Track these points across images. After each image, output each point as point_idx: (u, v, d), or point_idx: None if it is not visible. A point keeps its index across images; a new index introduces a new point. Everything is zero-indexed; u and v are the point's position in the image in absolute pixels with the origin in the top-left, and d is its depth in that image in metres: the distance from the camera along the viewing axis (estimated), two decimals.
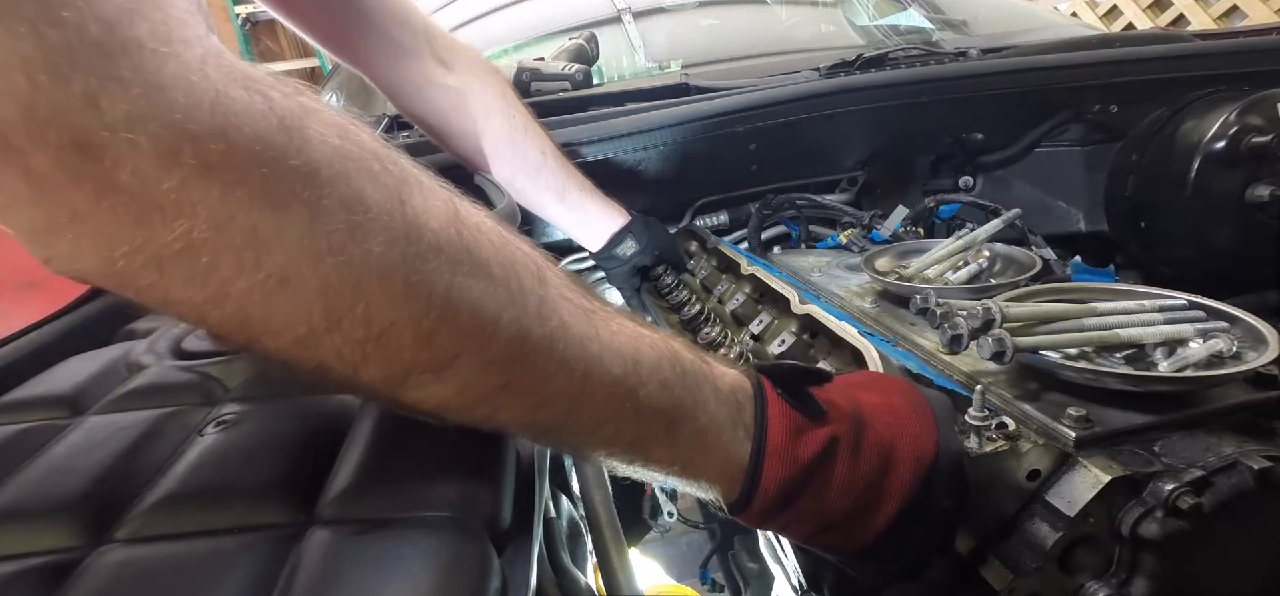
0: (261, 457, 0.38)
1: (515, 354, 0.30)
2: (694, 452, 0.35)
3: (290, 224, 0.24)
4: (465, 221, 0.29)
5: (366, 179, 0.26)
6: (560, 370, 0.31)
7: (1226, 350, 0.46)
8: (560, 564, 0.49)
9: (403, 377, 0.29)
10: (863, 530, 0.38)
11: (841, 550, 0.39)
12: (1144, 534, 0.38)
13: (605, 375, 0.32)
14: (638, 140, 0.93)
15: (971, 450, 0.43)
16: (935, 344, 0.52)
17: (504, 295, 0.29)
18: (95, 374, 0.49)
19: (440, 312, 0.28)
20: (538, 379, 0.31)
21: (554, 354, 0.31)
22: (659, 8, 1.53)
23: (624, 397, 0.33)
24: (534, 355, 0.30)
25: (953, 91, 0.97)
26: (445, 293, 0.28)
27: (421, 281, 0.27)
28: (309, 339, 0.26)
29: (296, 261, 0.25)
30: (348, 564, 0.30)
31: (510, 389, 0.30)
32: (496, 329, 0.29)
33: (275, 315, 0.25)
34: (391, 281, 0.26)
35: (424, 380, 0.29)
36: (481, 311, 0.28)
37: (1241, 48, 1.04)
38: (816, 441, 0.36)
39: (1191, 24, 3.39)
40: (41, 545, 0.33)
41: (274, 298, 0.25)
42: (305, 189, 0.24)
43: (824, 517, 0.37)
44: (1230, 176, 0.78)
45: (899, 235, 0.92)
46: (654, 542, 1.27)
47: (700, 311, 0.78)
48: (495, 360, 0.29)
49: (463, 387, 0.30)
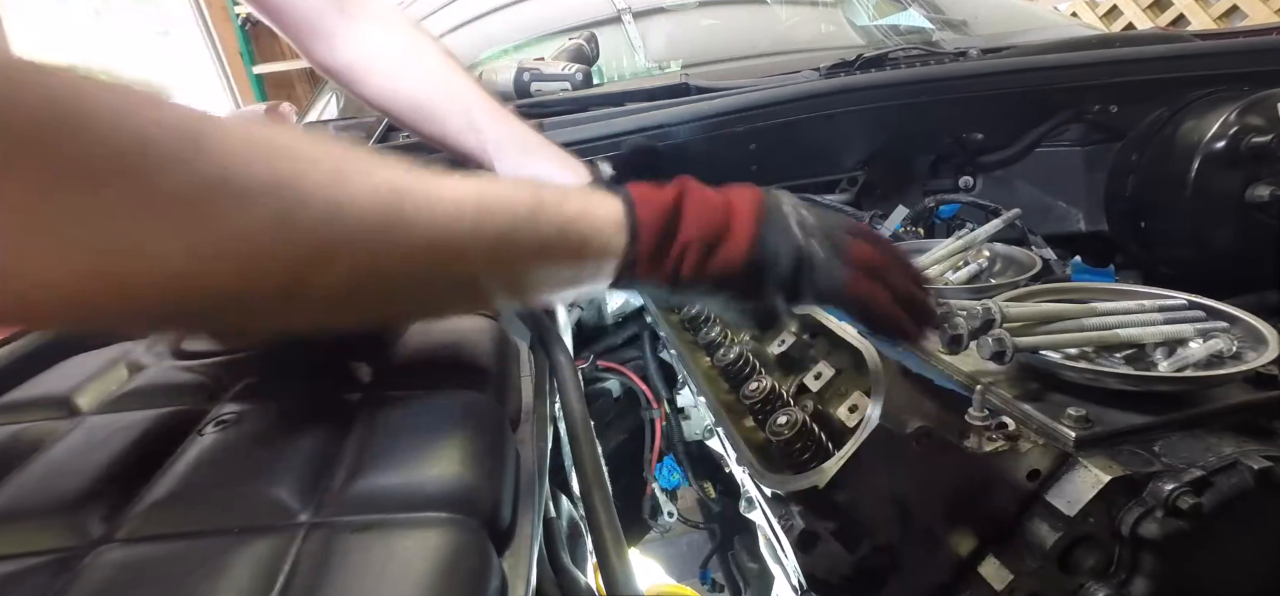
0: (261, 457, 0.38)
1: (307, 258, 0.30)
2: (567, 273, 0.41)
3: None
4: (205, 145, 0.28)
5: (151, 162, 0.26)
6: (362, 261, 0.32)
7: (1226, 350, 0.46)
8: (560, 564, 0.49)
9: (236, 325, 0.31)
10: (730, 254, 0.43)
11: (731, 273, 0.44)
12: (1144, 534, 0.38)
13: (428, 254, 0.34)
14: (637, 140, 0.93)
15: (971, 450, 0.43)
16: (935, 344, 0.52)
17: (277, 208, 0.29)
18: (95, 374, 0.49)
19: (229, 250, 0.28)
20: (340, 274, 0.31)
21: (347, 250, 0.31)
22: (659, 8, 1.53)
23: (452, 265, 0.36)
24: (328, 255, 0.31)
25: (953, 91, 0.97)
26: (220, 231, 0.28)
27: (194, 227, 0.27)
28: (94, 312, 0.28)
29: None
30: (347, 563, 0.30)
31: (314, 290, 0.31)
32: (286, 240, 0.30)
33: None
34: (171, 229, 0.27)
35: (254, 320, 0.31)
36: (258, 233, 0.29)
37: (1241, 48, 1.04)
38: (669, 192, 0.44)
39: (1191, 24, 3.39)
40: (41, 545, 0.33)
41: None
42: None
43: (702, 240, 0.43)
44: (1230, 176, 0.78)
45: (899, 235, 0.92)
46: (654, 542, 1.26)
47: (700, 311, 0.78)
48: (287, 268, 0.30)
49: (288, 314, 0.32)
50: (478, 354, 0.49)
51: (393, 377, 0.46)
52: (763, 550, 0.65)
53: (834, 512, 0.46)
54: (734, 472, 0.75)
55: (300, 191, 0.30)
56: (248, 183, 0.28)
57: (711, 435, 0.98)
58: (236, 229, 0.28)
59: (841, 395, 0.55)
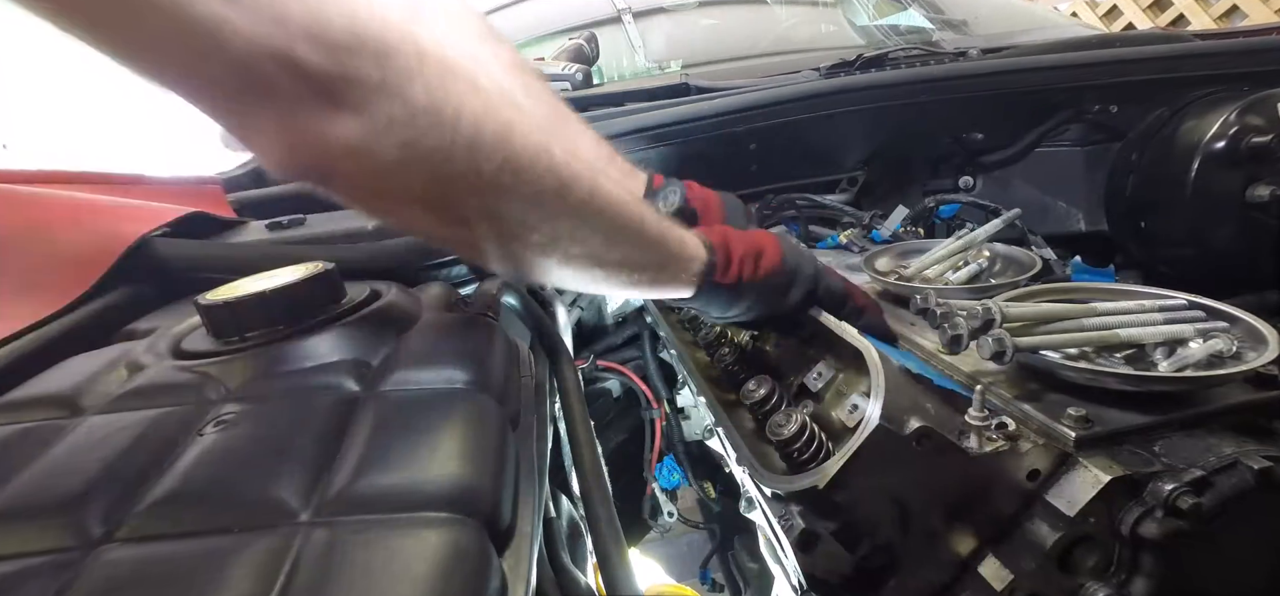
0: (261, 457, 0.38)
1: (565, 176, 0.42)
2: (671, 272, 0.53)
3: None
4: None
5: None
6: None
7: (1226, 350, 0.46)
8: (560, 564, 0.49)
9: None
10: (771, 257, 0.57)
11: (775, 274, 0.57)
12: (1144, 534, 0.38)
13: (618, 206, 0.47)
14: (637, 140, 0.93)
15: (971, 450, 0.43)
16: (935, 344, 0.52)
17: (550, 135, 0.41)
18: (95, 374, 0.49)
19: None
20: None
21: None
22: (659, 8, 1.53)
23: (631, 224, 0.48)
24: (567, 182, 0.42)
25: (953, 91, 0.97)
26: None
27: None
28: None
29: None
30: (347, 563, 0.30)
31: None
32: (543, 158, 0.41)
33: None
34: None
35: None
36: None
37: (1241, 48, 1.04)
38: (713, 228, 0.58)
39: (1191, 24, 3.39)
40: (41, 545, 0.33)
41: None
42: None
43: (751, 253, 0.57)
44: (1230, 176, 0.78)
45: (899, 235, 0.92)
46: (654, 542, 1.27)
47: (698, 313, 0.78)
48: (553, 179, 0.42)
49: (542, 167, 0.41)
50: (478, 354, 0.49)
51: (393, 377, 0.46)
52: (763, 550, 0.65)
53: (834, 512, 0.46)
54: (734, 472, 0.75)
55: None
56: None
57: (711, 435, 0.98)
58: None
59: (841, 395, 0.55)
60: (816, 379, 0.58)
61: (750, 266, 0.56)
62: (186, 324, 0.54)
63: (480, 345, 0.50)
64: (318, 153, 0.34)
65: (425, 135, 0.36)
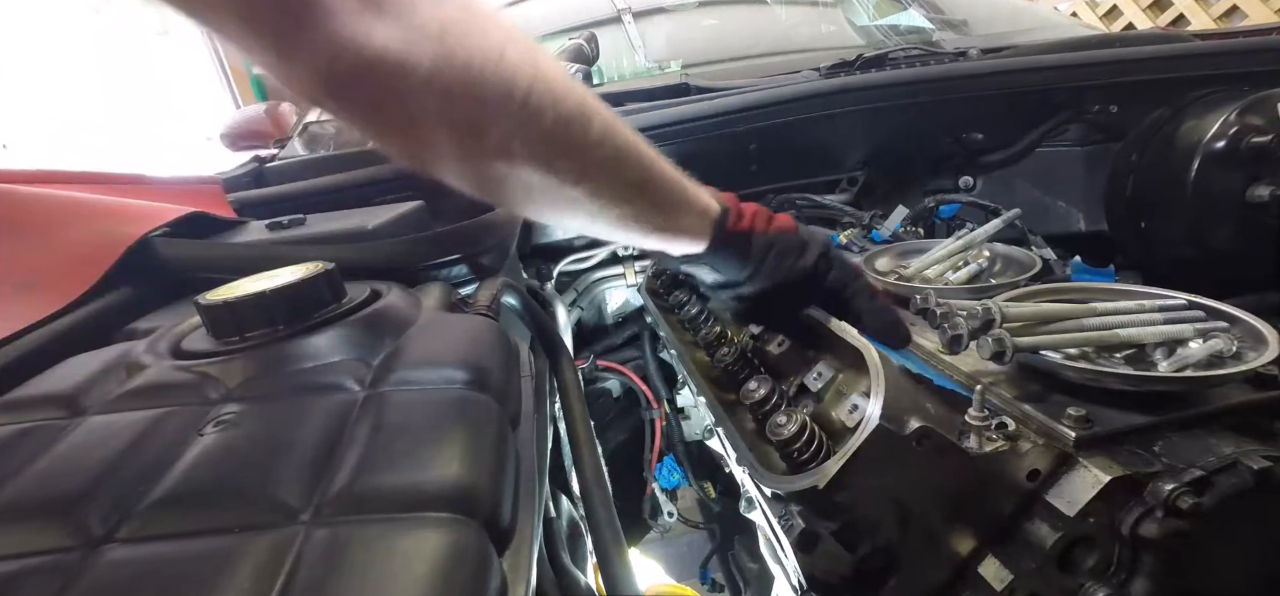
0: (261, 457, 0.38)
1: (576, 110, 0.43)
2: (678, 212, 0.53)
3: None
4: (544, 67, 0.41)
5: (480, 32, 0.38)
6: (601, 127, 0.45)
7: (1226, 350, 0.46)
8: (560, 564, 0.49)
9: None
10: (784, 220, 0.59)
11: (788, 232, 0.58)
12: (1144, 534, 0.38)
13: (632, 147, 0.48)
14: None
15: (971, 450, 0.43)
16: (935, 344, 0.52)
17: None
18: (95, 374, 0.49)
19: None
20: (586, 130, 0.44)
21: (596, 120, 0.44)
22: (659, 8, 1.53)
23: (645, 170, 0.49)
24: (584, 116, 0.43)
25: (953, 91, 0.97)
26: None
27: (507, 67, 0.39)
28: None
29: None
30: (347, 563, 0.30)
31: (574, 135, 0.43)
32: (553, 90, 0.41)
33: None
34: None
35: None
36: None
37: (1241, 48, 1.04)
38: (747, 209, 0.58)
39: (1191, 24, 3.39)
40: (41, 545, 0.33)
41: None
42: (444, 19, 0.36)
43: (762, 213, 0.58)
44: (1230, 176, 0.78)
45: (899, 235, 0.92)
46: (654, 542, 1.27)
47: (700, 312, 0.78)
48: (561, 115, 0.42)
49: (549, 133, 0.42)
50: (478, 354, 0.49)
51: (393, 377, 0.46)
52: (762, 550, 0.65)
53: (834, 512, 0.46)
54: (734, 472, 0.75)
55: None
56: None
57: (711, 435, 0.98)
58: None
59: (841, 395, 0.55)
60: (816, 379, 0.58)
61: (763, 221, 0.57)
62: (186, 324, 0.54)
63: (480, 345, 0.50)
64: (358, 62, 0.34)
65: (461, 43, 0.37)
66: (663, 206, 0.52)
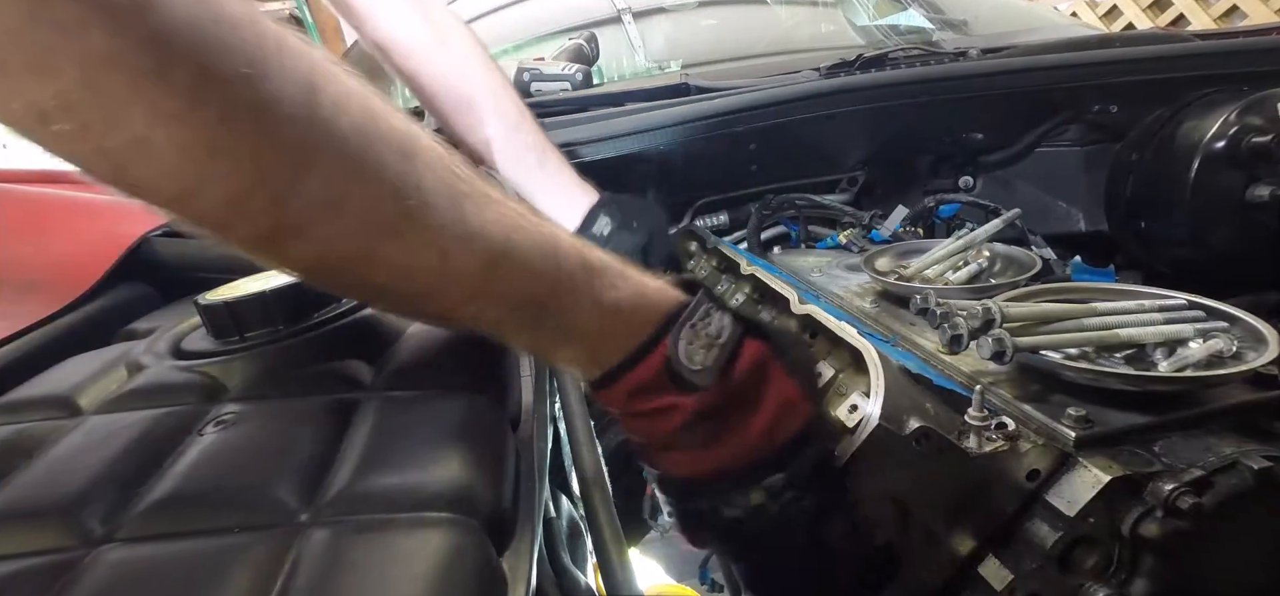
0: (261, 457, 0.38)
1: (372, 224, 0.31)
2: (554, 345, 0.39)
3: (144, 88, 0.25)
4: (323, 94, 0.30)
5: (220, 49, 0.27)
6: (419, 246, 0.32)
7: (1226, 350, 0.46)
8: (560, 564, 0.49)
9: (268, 239, 0.30)
10: (657, 463, 0.44)
11: (644, 462, 0.46)
12: (1144, 534, 0.38)
13: (468, 257, 0.34)
14: (637, 140, 0.93)
15: (971, 450, 0.43)
16: (935, 344, 0.52)
17: (360, 168, 0.30)
18: (95, 374, 0.49)
19: (288, 182, 0.29)
20: (396, 251, 0.32)
21: (409, 228, 0.32)
22: (659, 8, 1.53)
23: (486, 282, 0.35)
24: (392, 227, 0.32)
25: (953, 91, 0.97)
26: (293, 163, 0.29)
27: (269, 151, 0.28)
28: (180, 199, 0.28)
29: (151, 125, 0.26)
30: (347, 563, 0.30)
31: (371, 258, 0.32)
32: (351, 199, 0.30)
33: (145, 175, 0.27)
34: (239, 150, 0.28)
35: (286, 242, 0.31)
36: (333, 182, 0.30)
37: (1241, 48, 1.04)
38: (659, 404, 0.40)
39: (1191, 24, 3.39)
40: (41, 545, 0.33)
41: (140, 158, 0.26)
42: (156, 55, 0.25)
43: (638, 445, 0.44)
44: (1230, 176, 0.78)
45: (899, 235, 0.92)
46: (654, 542, 1.26)
47: None
48: (348, 230, 0.31)
49: (323, 251, 0.31)
50: (478, 354, 0.49)
51: (393, 377, 0.46)
52: None
53: None
54: None
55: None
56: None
57: None
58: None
59: (841, 395, 0.55)
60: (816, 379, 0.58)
61: (635, 437, 0.43)
62: (186, 324, 0.54)
63: (480, 345, 0.50)
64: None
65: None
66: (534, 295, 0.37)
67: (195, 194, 0.28)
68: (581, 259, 0.38)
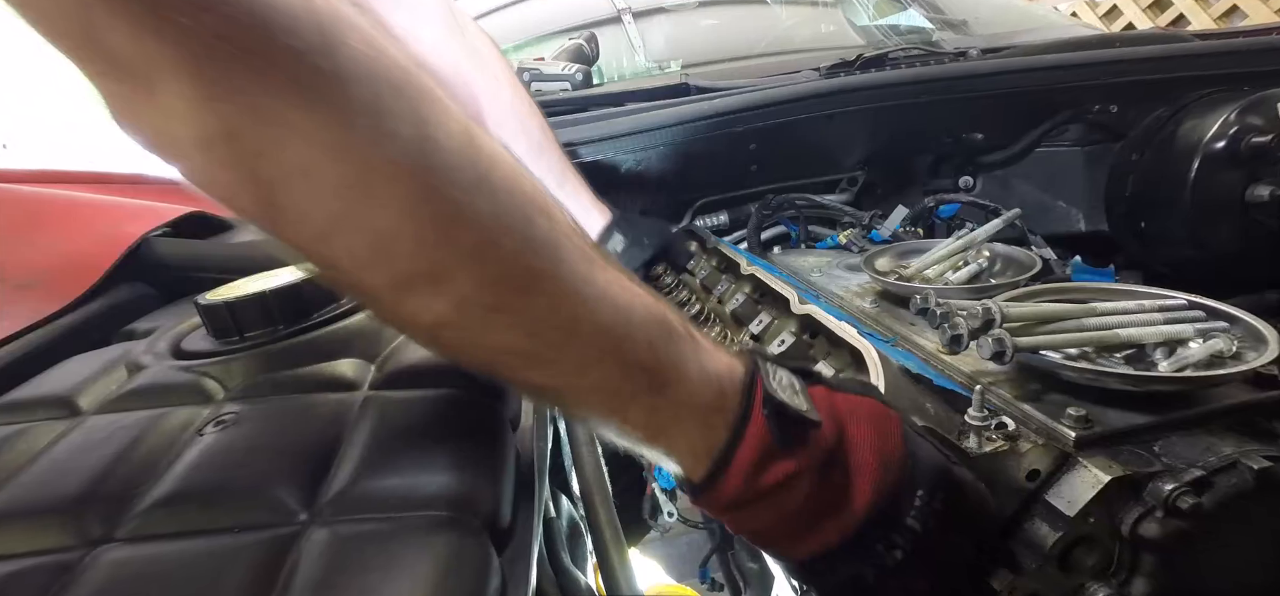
0: (261, 457, 0.38)
1: (512, 277, 0.31)
2: (667, 422, 0.36)
3: (315, 119, 0.26)
4: (480, 146, 0.31)
5: (390, 90, 0.28)
6: (554, 302, 0.32)
7: (1226, 350, 0.46)
8: (560, 564, 0.49)
9: (404, 285, 0.30)
10: (795, 550, 0.39)
11: (775, 555, 0.42)
12: (1144, 534, 0.38)
13: (597, 318, 0.33)
14: (638, 140, 0.93)
15: (971, 450, 0.43)
16: (935, 344, 0.52)
17: (507, 220, 0.31)
18: (95, 374, 0.49)
19: (444, 226, 0.29)
20: (531, 307, 0.32)
21: (548, 285, 0.32)
22: (659, 8, 1.53)
23: (612, 346, 0.34)
24: (529, 282, 0.31)
25: (953, 91, 0.97)
26: (451, 207, 0.29)
27: (429, 193, 0.29)
28: (324, 233, 0.28)
29: (317, 155, 0.27)
30: (347, 563, 0.31)
31: (504, 312, 0.32)
32: (496, 250, 0.30)
33: (295, 205, 0.28)
34: (401, 188, 0.28)
35: (422, 291, 0.30)
36: (483, 230, 0.30)
37: (1241, 48, 1.04)
38: (781, 472, 0.36)
39: (1191, 24, 3.39)
40: (41, 545, 0.33)
41: (295, 187, 0.27)
42: (332, 90, 0.26)
43: (763, 533, 0.39)
44: (1230, 176, 0.78)
45: (899, 235, 0.92)
46: (654, 542, 1.26)
47: (700, 311, 0.78)
48: (491, 280, 0.31)
49: (458, 303, 0.31)
50: None
51: (392, 378, 0.46)
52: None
53: None
54: None
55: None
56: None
57: None
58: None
59: None
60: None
61: (750, 530, 0.39)
62: (186, 324, 0.54)
63: None
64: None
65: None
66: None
67: (342, 229, 0.28)
68: (686, 327, 0.37)
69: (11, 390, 0.48)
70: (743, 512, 0.38)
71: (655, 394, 0.35)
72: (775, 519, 0.38)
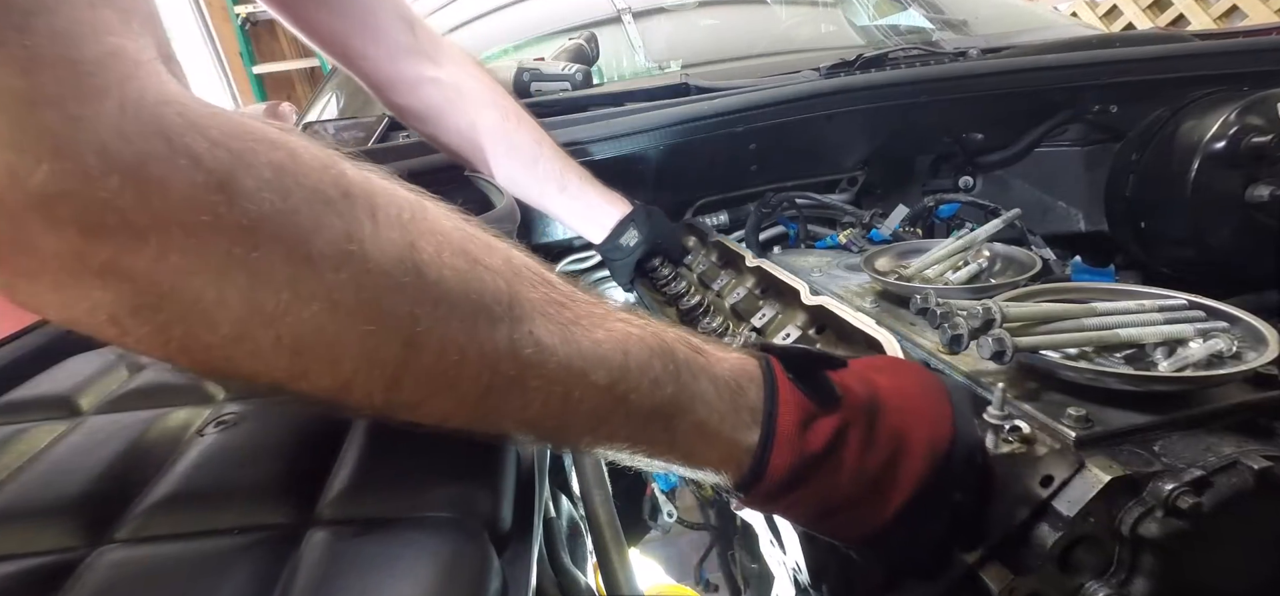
0: (261, 458, 0.38)
1: (488, 385, 0.29)
2: (694, 444, 0.35)
3: (232, 289, 0.23)
4: (422, 255, 0.28)
5: (313, 228, 0.25)
6: (540, 390, 0.31)
7: (1226, 350, 0.46)
8: (560, 564, 0.49)
9: (385, 409, 0.29)
10: (870, 516, 0.38)
11: (844, 537, 0.40)
12: (1144, 534, 0.38)
13: (590, 387, 0.32)
14: (638, 140, 0.93)
15: (988, 448, 0.43)
16: (935, 344, 0.52)
17: (468, 331, 0.28)
18: (95, 374, 0.49)
19: (401, 359, 0.27)
20: (518, 400, 0.30)
21: (531, 378, 0.30)
22: (659, 8, 1.53)
23: (614, 404, 0.33)
24: (508, 382, 0.30)
25: (953, 91, 0.97)
26: (405, 339, 0.27)
27: (376, 331, 0.26)
28: (286, 382, 0.26)
29: (247, 324, 0.24)
30: (347, 564, 0.30)
31: (492, 412, 0.30)
32: (463, 367, 0.28)
33: (242, 366, 0.25)
34: (345, 336, 0.26)
35: (405, 411, 0.29)
36: (445, 352, 0.28)
37: (1241, 48, 1.04)
38: (827, 429, 0.36)
39: (1191, 24, 3.39)
40: (41, 545, 0.33)
41: (236, 352, 0.25)
42: (242, 249, 0.23)
43: (828, 503, 0.37)
44: (1230, 176, 0.78)
45: (899, 235, 0.92)
46: (654, 542, 1.27)
47: (699, 303, 0.78)
48: (468, 395, 0.29)
49: (446, 415, 0.30)
50: None
51: None
52: (763, 549, 0.65)
53: None
54: None
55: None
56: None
57: None
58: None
59: None
60: None
61: (815, 510, 0.38)
62: None
63: None
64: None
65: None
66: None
67: (301, 378, 0.26)
68: (687, 343, 0.37)
69: (11, 390, 0.48)
70: (804, 490, 0.36)
71: (671, 428, 0.34)
72: (839, 484, 0.36)
